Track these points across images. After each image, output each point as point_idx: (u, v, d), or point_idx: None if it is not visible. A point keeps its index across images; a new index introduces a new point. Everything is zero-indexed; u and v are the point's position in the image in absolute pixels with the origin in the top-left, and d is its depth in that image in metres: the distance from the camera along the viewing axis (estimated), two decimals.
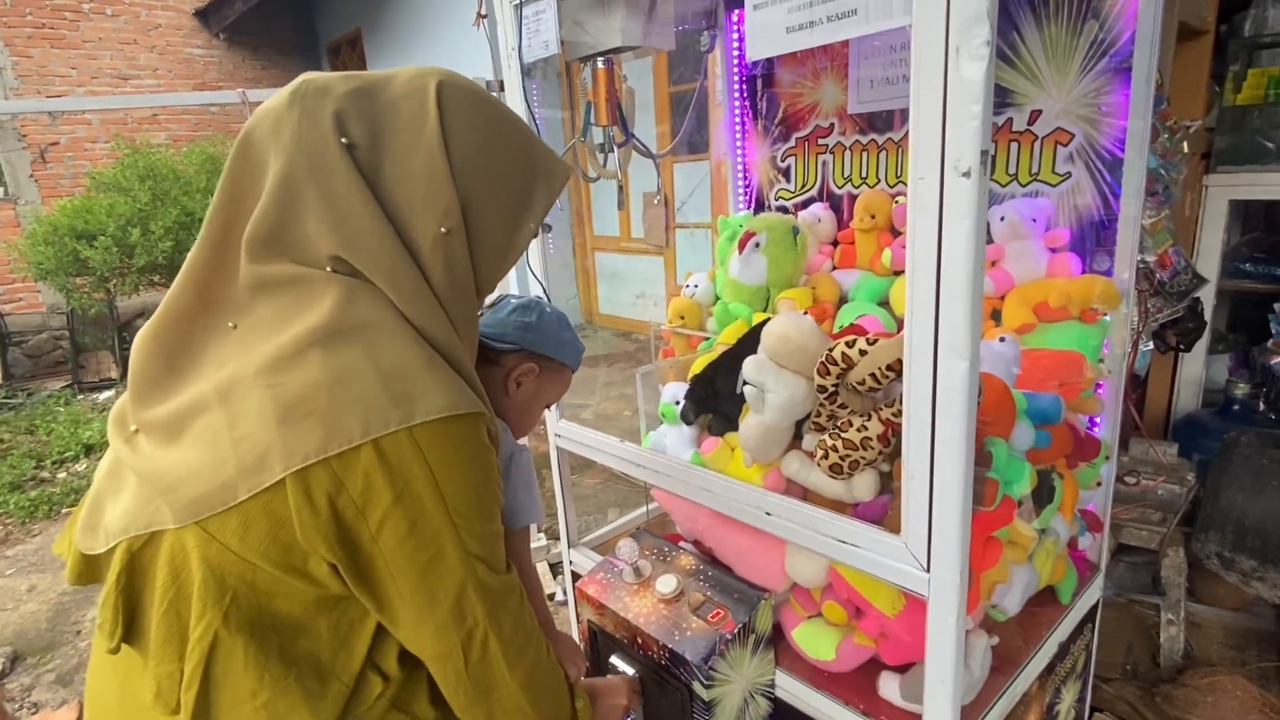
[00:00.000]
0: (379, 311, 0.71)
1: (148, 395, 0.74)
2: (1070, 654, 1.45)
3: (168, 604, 0.70)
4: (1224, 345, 2.92)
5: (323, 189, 0.71)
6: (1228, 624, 2.14)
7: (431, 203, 0.74)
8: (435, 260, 0.75)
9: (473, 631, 0.74)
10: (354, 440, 0.66)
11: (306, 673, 0.72)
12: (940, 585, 0.94)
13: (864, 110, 1.72)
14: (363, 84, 0.74)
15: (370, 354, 0.69)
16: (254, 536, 0.67)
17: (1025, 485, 1.09)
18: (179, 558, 0.69)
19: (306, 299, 0.71)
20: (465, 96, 0.77)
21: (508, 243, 0.82)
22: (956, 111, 0.78)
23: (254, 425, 0.67)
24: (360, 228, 0.71)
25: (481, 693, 0.78)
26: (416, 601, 0.71)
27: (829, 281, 1.70)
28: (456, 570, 0.72)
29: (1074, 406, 1.32)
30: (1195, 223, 2.70)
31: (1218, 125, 2.71)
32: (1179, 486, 2.07)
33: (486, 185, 0.77)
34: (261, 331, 0.71)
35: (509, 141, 0.80)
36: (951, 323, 0.84)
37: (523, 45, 1.37)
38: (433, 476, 0.69)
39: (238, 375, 0.69)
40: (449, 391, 0.71)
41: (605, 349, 6.01)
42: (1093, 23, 1.30)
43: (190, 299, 0.75)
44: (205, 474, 0.67)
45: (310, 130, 0.71)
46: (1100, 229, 1.42)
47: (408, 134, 0.73)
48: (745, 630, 1.19)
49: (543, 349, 1.09)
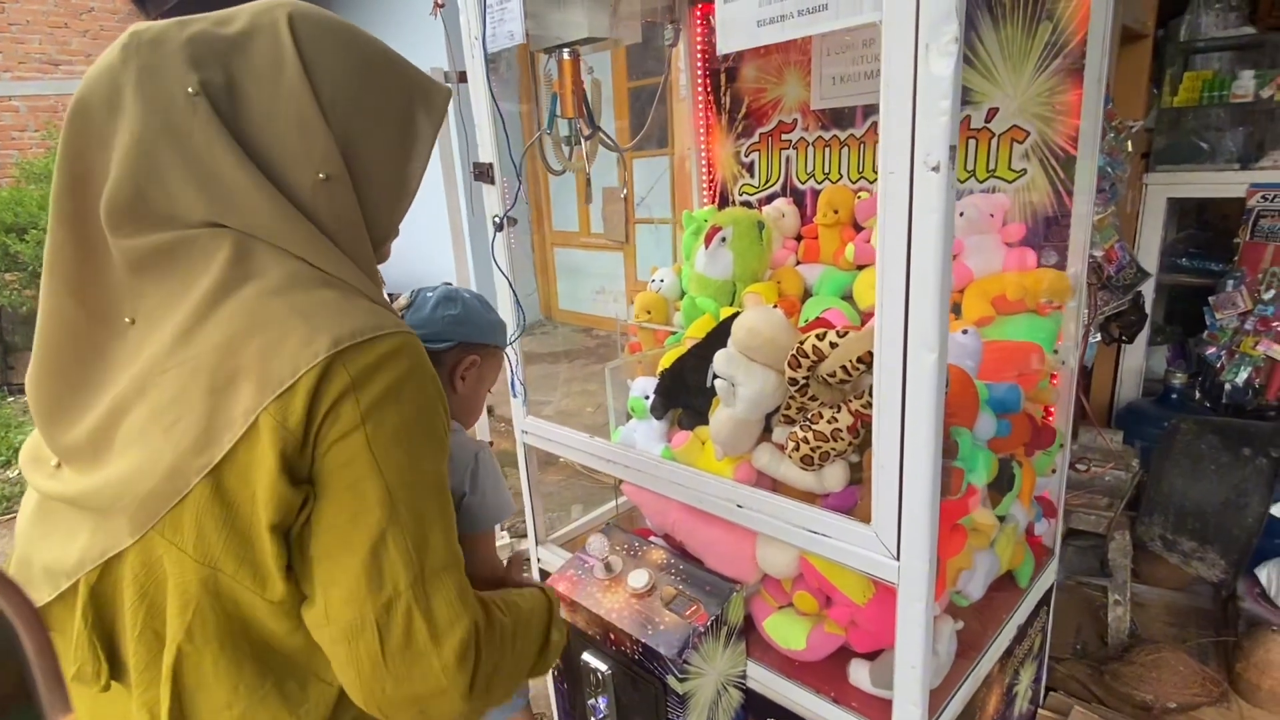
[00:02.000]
0: (278, 257, 0.66)
1: (58, 421, 0.67)
2: (1028, 636, 1.50)
3: (141, 625, 0.65)
4: (1162, 337, 3.05)
5: (181, 148, 0.64)
6: (1169, 603, 2.24)
7: (306, 148, 0.67)
8: (319, 209, 0.68)
9: (392, 604, 0.62)
10: (285, 381, 0.60)
11: (285, 678, 0.68)
12: (910, 572, 0.96)
13: (826, 106, 1.74)
14: (203, 28, 0.66)
15: (279, 293, 0.63)
16: (209, 533, 0.62)
17: (988, 473, 1.13)
18: (144, 574, 0.64)
19: (195, 262, 0.64)
20: (321, 26, 0.69)
21: (399, 179, 0.76)
22: (926, 107, 0.79)
23: (182, 407, 0.61)
24: (232, 185, 0.65)
25: (405, 688, 0.64)
26: (330, 551, 0.62)
27: (794, 276, 1.72)
28: (374, 510, 0.62)
29: (1030, 397, 1.37)
30: (1136, 219, 2.82)
31: (1156, 126, 2.83)
32: (1124, 473, 2.15)
33: (363, 121, 0.71)
34: (160, 314, 0.65)
35: (377, 69, 0.72)
36: (921, 315, 0.85)
37: (487, 34, 1.34)
38: (356, 399, 0.62)
39: (150, 366, 0.63)
40: (372, 314, 0.65)
41: (565, 345, 5.97)
42: (1047, 24, 1.34)
43: (70, 306, 0.67)
44: (146, 471, 0.61)
45: (152, 86, 0.63)
46: (1053, 224, 1.46)
47: (265, 75, 0.66)
48: (718, 622, 1.20)
49: (478, 338, 1.07)
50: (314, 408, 0.61)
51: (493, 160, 1.44)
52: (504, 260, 1.48)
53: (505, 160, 1.43)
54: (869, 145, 1.69)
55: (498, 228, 1.46)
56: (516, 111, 2.63)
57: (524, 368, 1.52)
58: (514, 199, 1.45)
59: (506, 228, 1.48)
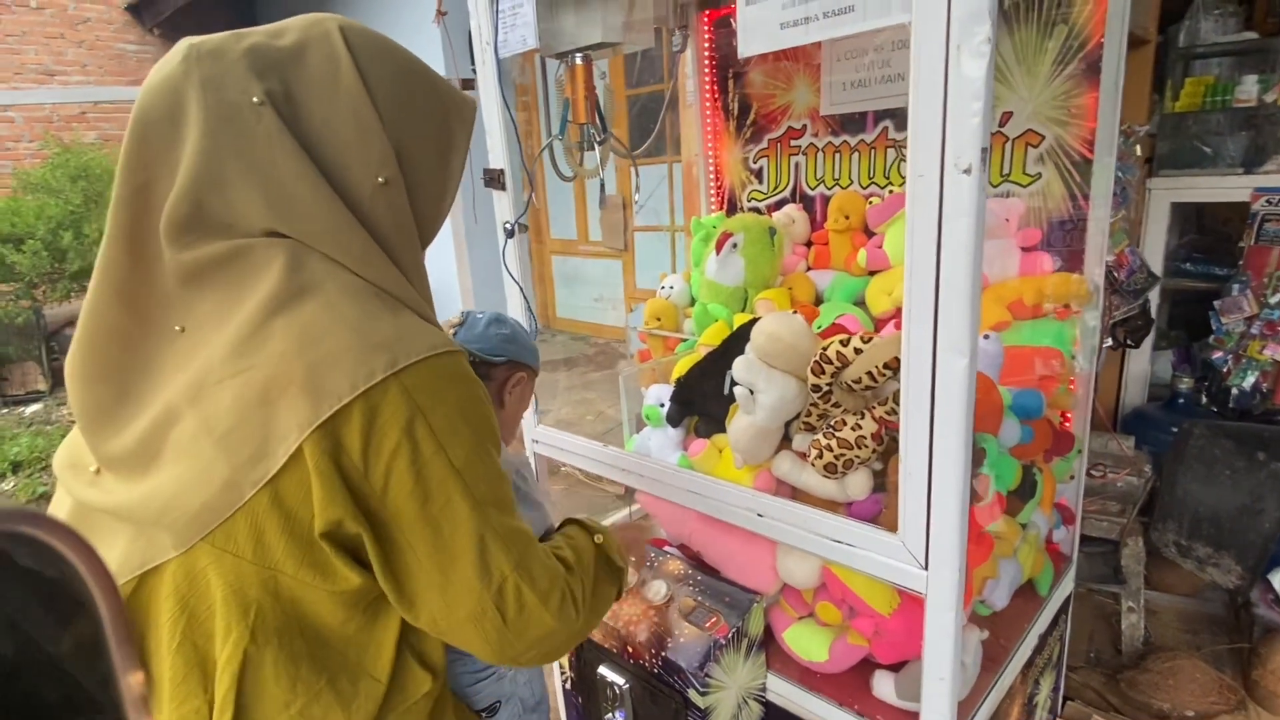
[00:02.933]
0: (331, 269, 0.67)
1: (103, 427, 0.67)
2: (1048, 645, 1.48)
3: (180, 637, 0.65)
4: (1167, 342, 3.04)
5: (246, 158, 0.65)
6: (1183, 610, 2.23)
7: (365, 152, 0.69)
8: (377, 213, 0.70)
9: (503, 587, 0.69)
10: (343, 397, 0.61)
11: (338, 674, 0.69)
12: (939, 582, 0.94)
13: (836, 112, 1.74)
14: (259, 40, 0.68)
15: (334, 309, 0.64)
16: (269, 539, 0.63)
17: (1014, 480, 1.11)
18: (185, 585, 0.64)
19: (250, 273, 0.65)
20: (368, 36, 0.72)
21: (442, 185, 0.78)
22: (957, 109, 0.78)
23: (235, 418, 0.61)
24: (295, 193, 0.66)
25: (527, 639, 0.73)
26: (437, 562, 0.67)
27: (805, 282, 1.71)
28: (470, 518, 0.67)
29: (1049, 402, 1.35)
30: (1140, 224, 2.82)
31: (1159, 131, 2.83)
32: (1137, 478, 2.14)
33: (413, 128, 0.73)
34: (213, 323, 0.65)
35: (420, 80, 0.75)
36: (951, 320, 0.84)
37: (499, 40, 1.33)
38: (427, 422, 0.64)
39: (203, 374, 0.63)
40: (425, 332, 0.67)
41: (564, 353, 5.94)
42: (1062, 26, 1.34)
43: (117, 312, 0.67)
44: (198, 484, 0.62)
45: (216, 96, 0.64)
46: (1069, 228, 1.45)
47: (323, 83, 0.68)
48: (739, 634, 1.17)
49: (524, 357, 1.11)
50: (374, 429, 0.62)
51: (504, 166, 1.42)
52: (515, 267, 1.46)
53: (517, 166, 1.42)
54: (879, 150, 1.68)
55: (509, 234, 1.45)
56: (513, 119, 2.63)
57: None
58: (525, 205, 1.44)
59: (517, 234, 1.47)
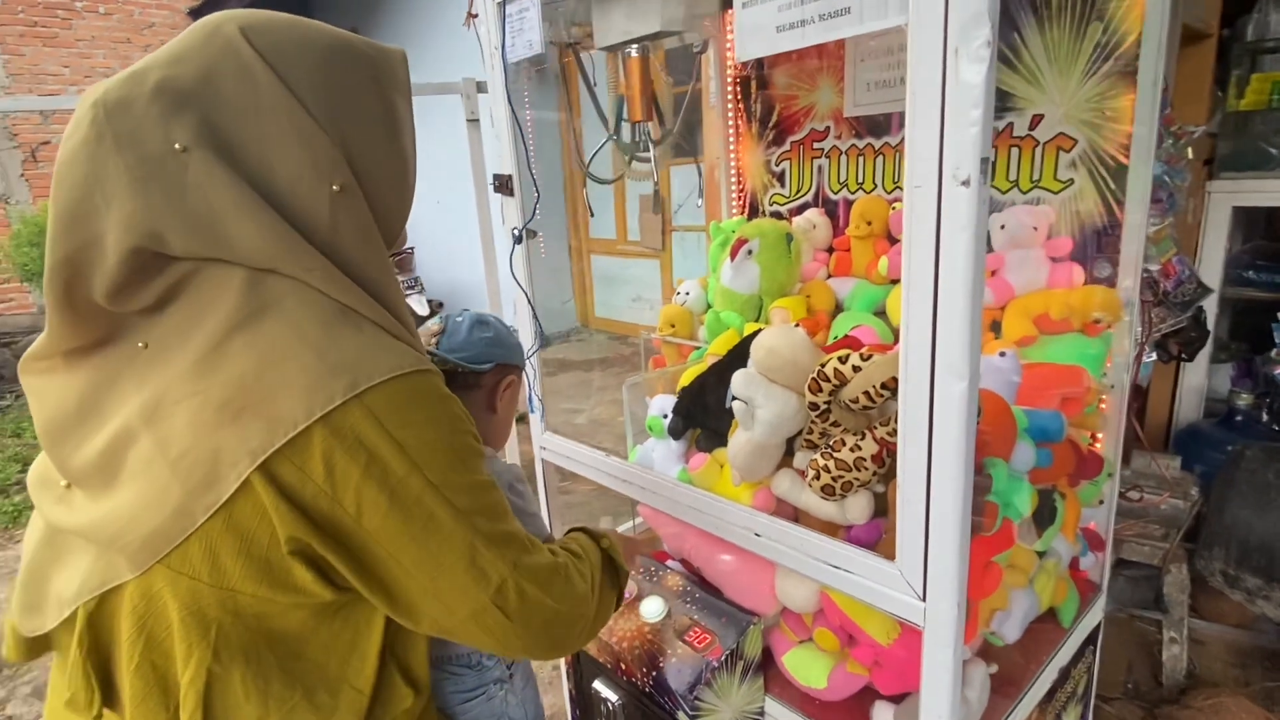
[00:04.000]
0: (291, 285, 0.63)
1: (66, 444, 0.66)
2: (1071, 677, 1.40)
3: (139, 657, 0.65)
4: (1227, 354, 2.87)
5: (178, 208, 0.60)
6: (1231, 641, 2.09)
7: (313, 160, 0.64)
8: (340, 225, 0.66)
9: (502, 587, 0.69)
10: (299, 424, 0.59)
11: (315, 687, 0.68)
12: (937, 615, 0.89)
13: (860, 114, 1.67)
14: (161, 74, 0.62)
15: (295, 328, 0.62)
16: (225, 561, 0.62)
17: (1026, 507, 1.04)
18: (143, 606, 0.64)
19: (208, 290, 0.63)
20: (278, 31, 0.66)
21: (398, 168, 0.73)
22: (955, 116, 0.73)
23: (189, 441, 0.60)
24: (238, 230, 0.62)
25: (534, 628, 0.73)
26: (426, 573, 0.65)
27: (824, 290, 1.65)
28: (455, 532, 0.66)
29: (1076, 422, 1.27)
30: (1198, 230, 2.66)
31: (1220, 131, 2.66)
32: (1182, 501, 2.02)
33: (353, 116, 0.68)
34: (175, 340, 0.63)
35: (344, 57, 0.68)
36: (949, 340, 0.79)
37: (506, 45, 1.32)
38: (395, 441, 0.62)
39: (161, 392, 0.62)
40: (389, 352, 0.65)
41: (600, 353, 5.96)
42: (1097, 24, 1.25)
43: (78, 337, 0.65)
44: (151, 509, 0.61)
45: (135, 154, 0.60)
46: (1103, 237, 1.37)
47: (243, 103, 0.62)
48: (733, 657, 1.14)
49: (511, 359, 1.08)
50: (338, 454, 0.60)
51: (512, 172, 1.41)
52: (523, 273, 1.45)
53: (525, 172, 1.41)
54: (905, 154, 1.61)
55: (516, 240, 1.44)
56: (553, 119, 2.60)
57: (550, 379, 1.49)
58: (533, 211, 1.42)
59: (526, 240, 1.45)
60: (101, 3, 7.06)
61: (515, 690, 1.04)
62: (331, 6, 7.82)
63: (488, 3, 1.32)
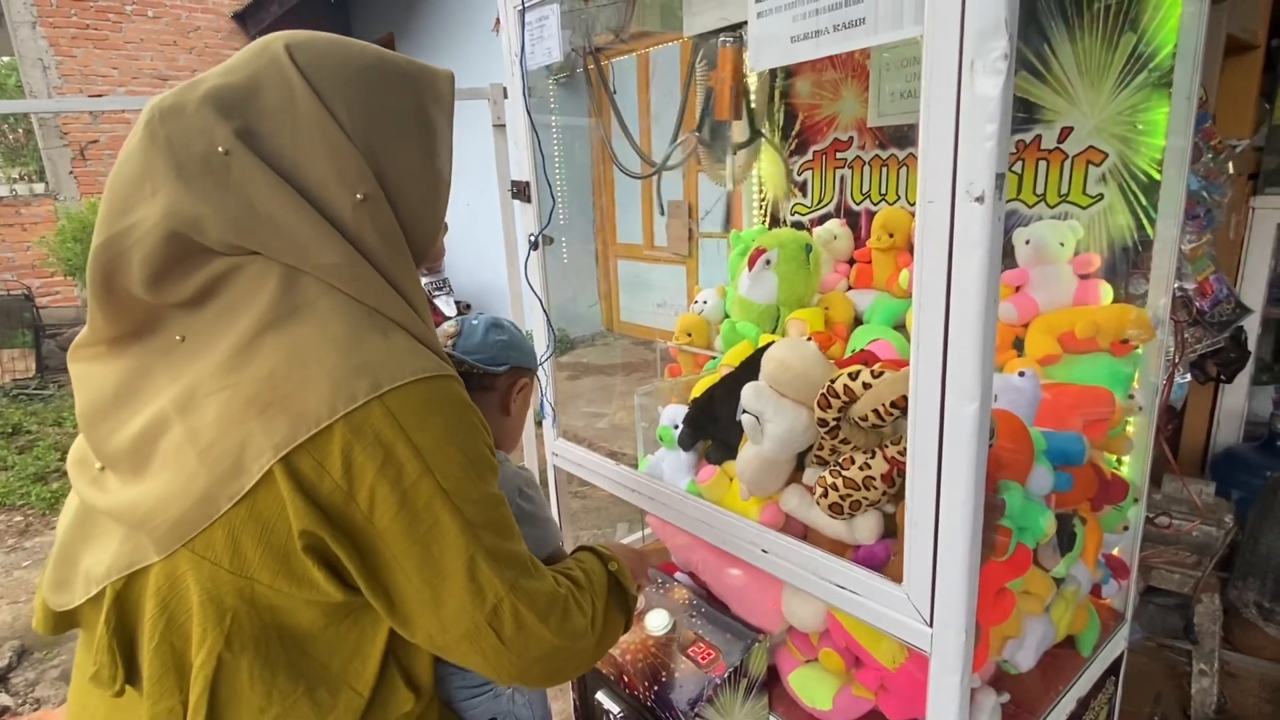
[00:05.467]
0: (323, 290, 0.67)
1: (102, 427, 0.70)
2: (1091, 709, 1.35)
3: (159, 638, 0.67)
4: (1269, 376, 2.76)
5: (218, 202, 0.65)
6: (1265, 675, 2.01)
7: (338, 171, 0.68)
8: (363, 232, 0.69)
9: (498, 607, 0.69)
10: (322, 421, 0.62)
11: (317, 684, 0.70)
12: (944, 641, 0.86)
13: (884, 124, 1.65)
14: (213, 84, 0.67)
15: (324, 330, 0.65)
16: (245, 549, 0.65)
17: (1043, 532, 1.01)
18: (166, 587, 0.67)
19: (245, 288, 0.66)
20: (320, 49, 0.70)
21: (429, 179, 0.76)
22: (969, 131, 0.71)
23: (217, 432, 0.63)
24: (273, 214, 0.66)
25: (528, 658, 0.72)
26: (428, 581, 0.67)
27: (843, 302, 1.63)
28: (459, 540, 0.67)
29: (1101, 445, 1.23)
30: (1240, 247, 2.57)
31: (1267, 145, 2.57)
32: (1215, 529, 1.94)
33: (383, 129, 0.71)
34: (211, 335, 0.66)
35: (380, 72, 0.72)
36: (961, 361, 0.77)
37: (525, 52, 1.32)
38: (412, 444, 0.64)
39: (195, 384, 0.65)
40: (413, 355, 0.67)
41: (625, 357, 5.95)
42: (1130, 34, 1.22)
43: (116, 326, 0.70)
44: (178, 495, 0.64)
45: (185, 153, 0.65)
46: (1134, 254, 1.32)
47: (281, 112, 0.67)
48: (737, 674, 1.12)
49: (525, 362, 1.09)
50: (356, 451, 0.63)
51: (529, 179, 1.42)
52: (538, 279, 1.45)
53: (541, 179, 1.41)
54: None
55: (533, 246, 1.44)
56: (583, 126, 2.56)
57: (573, 382, 1.49)
58: (549, 217, 1.42)
59: (542, 246, 1.46)
60: (150, 6, 7.29)
61: (524, 690, 1.04)
62: (369, 14, 7.98)
63: (509, 10, 1.33)
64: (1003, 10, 0.67)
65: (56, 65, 6.84)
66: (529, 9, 1.28)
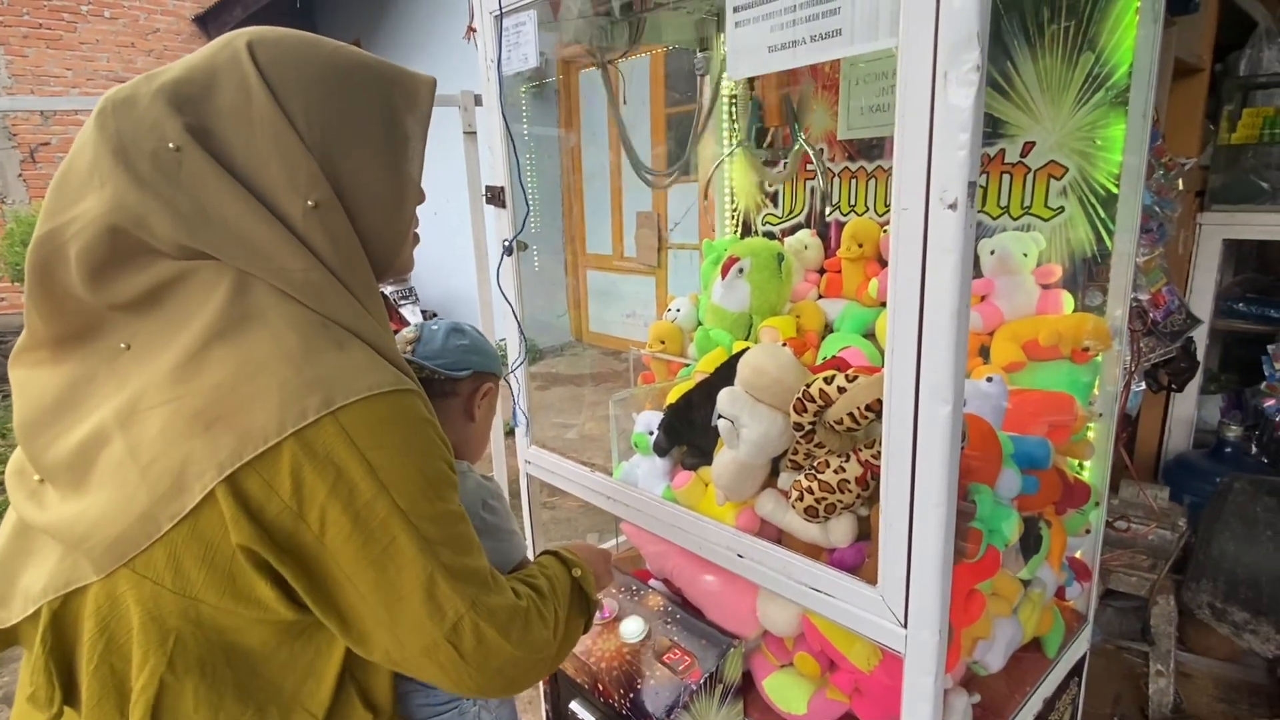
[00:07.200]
0: (276, 298, 0.64)
1: (41, 438, 0.66)
2: (1056, 709, 1.38)
3: (98, 659, 0.64)
4: (1216, 385, 2.88)
5: (166, 197, 0.62)
6: (1219, 675, 2.07)
7: (290, 176, 0.65)
8: (313, 239, 0.66)
9: (458, 625, 0.66)
10: (270, 438, 0.59)
11: (266, 706, 0.67)
12: (918, 643, 0.87)
13: (853, 137, 1.68)
14: (169, 78, 0.65)
15: (275, 341, 0.62)
16: (188, 569, 0.61)
17: (1011, 534, 1.03)
18: (106, 607, 0.63)
19: (193, 295, 0.63)
20: (284, 48, 0.67)
21: (394, 188, 0.73)
22: (943, 140, 0.73)
23: (160, 447, 0.60)
24: (223, 215, 0.63)
25: (488, 670, 0.70)
26: (381, 600, 0.64)
27: (814, 310, 1.65)
28: (416, 559, 0.64)
29: (1063, 450, 1.27)
30: (1189, 261, 2.68)
31: (1212, 164, 2.69)
32: (1170, 532, 2.01)
33: (344, 135, 0.68)
34: (158, 344, 0.63)
35: (348, 76, 0.69)
36: (934, 364, 0.78)
37: (502, 58, 1.32)
38: (367, 462, 0.61)
39: (138, 396, 0.61)
40: (369, 369, 0.64)
41: (593, 368, 5.94)
42: (1089, 54, 1.26)
43: (53, 327, 0.66)
44: (118, 513, 0.61)
45: (134, 148, 0.62)
46: (1093, 265, 1.37)
47: (236, 112, 0.65)
48: (712, 680, 1.12)
49: (488, 366, 1.06)
50: (306, 470, 0.60)
51: (504, 184, 1.41)
52: (511, 286, 1.44)
53: (515, 183, 1.40)
54: None
55: (506, 251, 1.43)
56: (552, 135, 2.57)
57: (542, 393, 1.48)
58: (523, 223, 1.42)
59: (516, 251, 1.45)
60: (107, 7, 7.10)
61: (490, 706, 1.02)
62: (335, 19, 7.88)
63: (485, 16, 1.33)
64: (975, 24, 0.69)
65: (6, 65, 6.62)
66: (507, 14, 1.28)
